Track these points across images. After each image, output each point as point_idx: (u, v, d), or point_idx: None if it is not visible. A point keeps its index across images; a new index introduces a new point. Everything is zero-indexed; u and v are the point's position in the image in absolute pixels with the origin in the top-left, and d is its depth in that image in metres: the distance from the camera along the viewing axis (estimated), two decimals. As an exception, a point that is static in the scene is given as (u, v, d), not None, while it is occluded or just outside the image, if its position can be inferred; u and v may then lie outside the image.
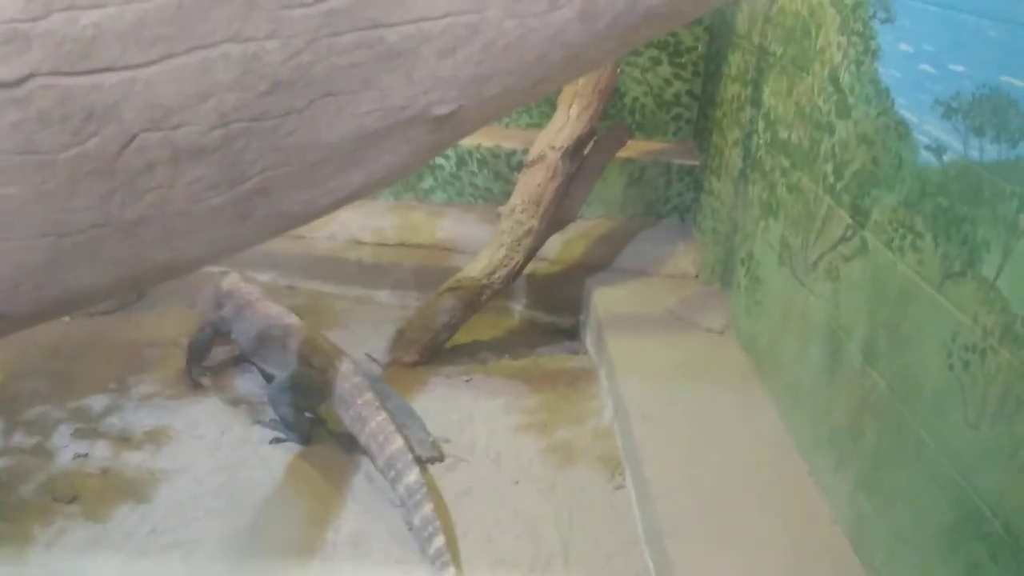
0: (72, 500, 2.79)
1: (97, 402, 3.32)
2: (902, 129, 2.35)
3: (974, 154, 2.00)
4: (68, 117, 1.55)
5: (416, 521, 2.65)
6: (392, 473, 2.78)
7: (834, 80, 2.83)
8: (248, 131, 1.61)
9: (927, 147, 2.22)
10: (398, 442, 2.82)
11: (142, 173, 1.61)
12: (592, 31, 1.62)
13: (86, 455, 3.01)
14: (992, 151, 1.93)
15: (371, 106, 1.64)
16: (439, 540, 2.58)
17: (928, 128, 2.22)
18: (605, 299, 4.06)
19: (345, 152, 1.68)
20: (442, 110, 1.65)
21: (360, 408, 2.95)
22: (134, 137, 1.58)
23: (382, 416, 2.91)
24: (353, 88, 1.62)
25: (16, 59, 1.53)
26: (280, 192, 1.70)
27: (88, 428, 3.16)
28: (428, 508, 2.65)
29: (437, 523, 2.62)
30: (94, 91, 1.55)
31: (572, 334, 4.23)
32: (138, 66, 1.55)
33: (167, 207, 1.65)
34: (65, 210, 1.61)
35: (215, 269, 3.64)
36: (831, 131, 2.83)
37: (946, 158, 2.13)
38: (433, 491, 2.83)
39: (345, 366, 3.07)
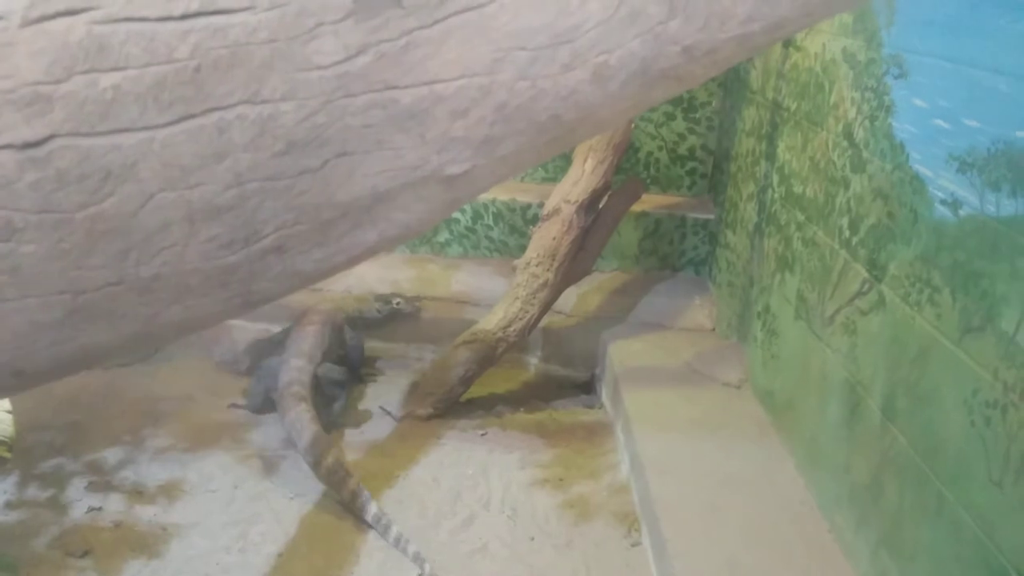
0: (84, 554, 2.77)
1: (112, 455, 3.32)
2: (917, 184, 2.35)
3: (991, 209, 2.00)
4: (86, 177, 1.58)
5: (345, 496, 3.02)
6: (311, 459, 3.14)
7: (848, 135, 2.84)
8: (262, 191, 1.63)
9: (943, 201, 2.21)
10: (314, 428, 3.21)
11: (158, 232, 1.63)
12: (605, 92, 1.63)
13: (99, 508, 3.00)
14: (1009, 206, 1.93)
15: (384, 166, 1.66)
16: (373, 507, 2.95)
17: (943, 183, 2.22)
18: (621, 352, 4.05)
19: (359, 211, 1.70)
20: (455, 170, 1.67)
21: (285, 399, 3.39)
22: (151, 197, 1.60)
23: (301, 407, 3.31)
24: (367, 148, 1.64)
25: (38, 120, 1.56)
26: (294, 250, 1.71)
27: (102, 481, 3.15)
28: (353, 482, 3.01)
29: (366, 493, 2.99)
30: (112, 151, 1.58)
31: (588, 388, 4.21)
32: (156, 127, 1.58)
33: (182, 265, 1.66)
34: (82, 268, 1.63)
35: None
36: (846, 185, 2.83)
37: (962, 212, 2.12)
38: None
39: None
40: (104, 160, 1.58)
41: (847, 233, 2.79)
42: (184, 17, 1.57)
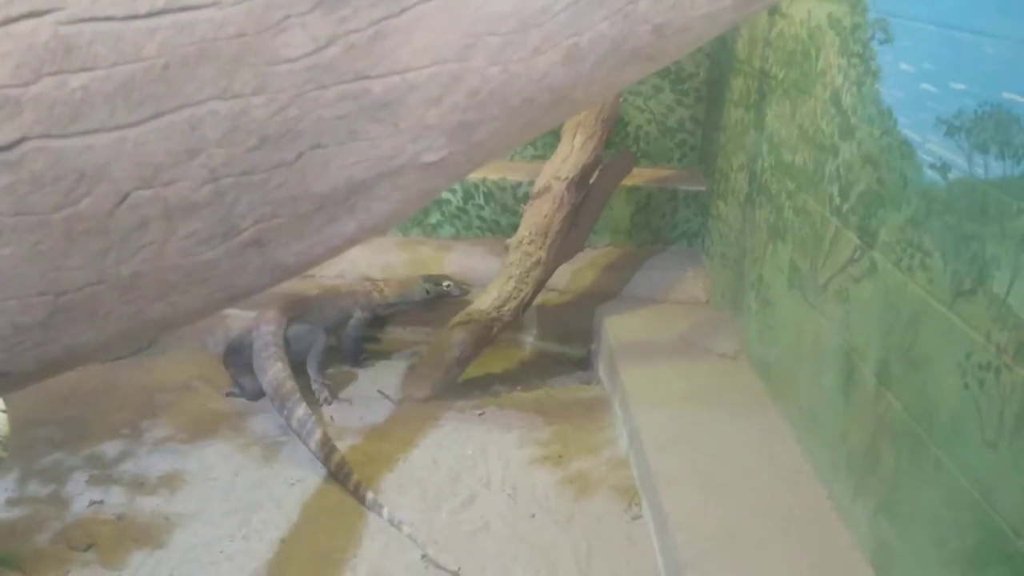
0: (88, 548, 2.78)
1: (111, 448, 3.33)
2: (906, 149, 2.35)
3: (979, 171, 1.99)
4: (60, 178, 1.57)
5: (313, 447, 3.22)
6: (285, 411, 3.37)
7: (836, 102, 2.83)
8: (238, 185, 1.63)
9: (931, 166, 2.21)
10: (289, 385, 3.44)
11: (136, 230, 1.63)
12: (577, 74, 1.64)
13: (101, 502, 3.00)
14: (997, 168, 1.93)
15: (359, 156, 1.66)
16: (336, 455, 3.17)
17: (931, 147, 2.21)
18: (616, 327, 4.05)
19: (336, 202, 1.70)
20: (431, 157, 1.67)
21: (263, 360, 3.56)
22: (126, 195, 1.60)
23: (277, 366, 3.51)
24: (341, 139, 1.64)
25: (8, 124, 1.55)
26: (274, 243, 1.71)
27: (102, 475, 3.16)
28: (319, 434, 3.24)
29: (330, 443, 3.22)
30: (85, 152, 1.57)
31: (584, 364, 4.22)
32: (127, 126, 1.58)
33: (162, 262, 1.66)
34: (61, 269, 1.63)
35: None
36: (835, 153, 2.82)
37: (951, 176, 2.12)
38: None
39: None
40: (77, 161, 1.58)
41: (838, 200, 2.79)
42: (150, 15, 1.57)
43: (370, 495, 3.01)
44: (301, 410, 3.32)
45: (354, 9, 1.60)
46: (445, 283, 4.22)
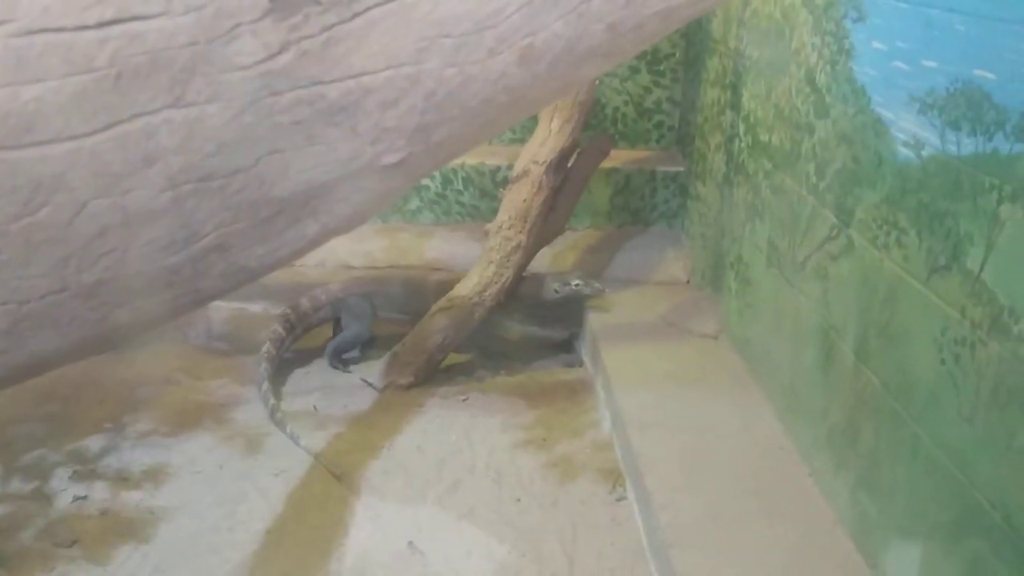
0: (73, 544, 2.77)
1: (94, 443, 3.31)
2: (880, 127, 2.36)
3: (952, 148, 2.01)
4: (17, 189, 1.57)
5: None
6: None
7: (811, 81, 2.84)
8: (197, 192, 1.64)
9: (905, 143, 2.23)
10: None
11: (96, 238, 1.64)
12: (533, 74, 1.65)
13: (85, 497, 2.99)
14: (969, 145, 1.94)
15: (318, 160, 1.67)
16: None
17: (905, 124, 2.22)
18: (598, 310, 4.07)
19: (297, 205, 1.71)
20: (390, 159, 1.68)
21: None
22: (85, 204, 1.61)
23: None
24: (298, 144, 1.65)
25: None
26: (236, 248, 1.73)
27: (86, 470, 3.15)
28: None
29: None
30: (41, 162, 1.57)
31: (567, 347, 4.23)
32: (82, 136, 1.58)
33: (124, 269, 1.67)
34: (23, 278, 1.63)
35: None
36: (811, 131, 2.84)
37: (925, 153, 2.14)
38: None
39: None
40: (33, 172, 1.58)
41: (814, 179, 2.80)
42: (100, 25, 1.57)
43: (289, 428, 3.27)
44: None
45: (305, 16, 1.61)
46: (575, 282, 4.03)
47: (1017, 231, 1.78)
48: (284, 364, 3.83)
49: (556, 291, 4.03)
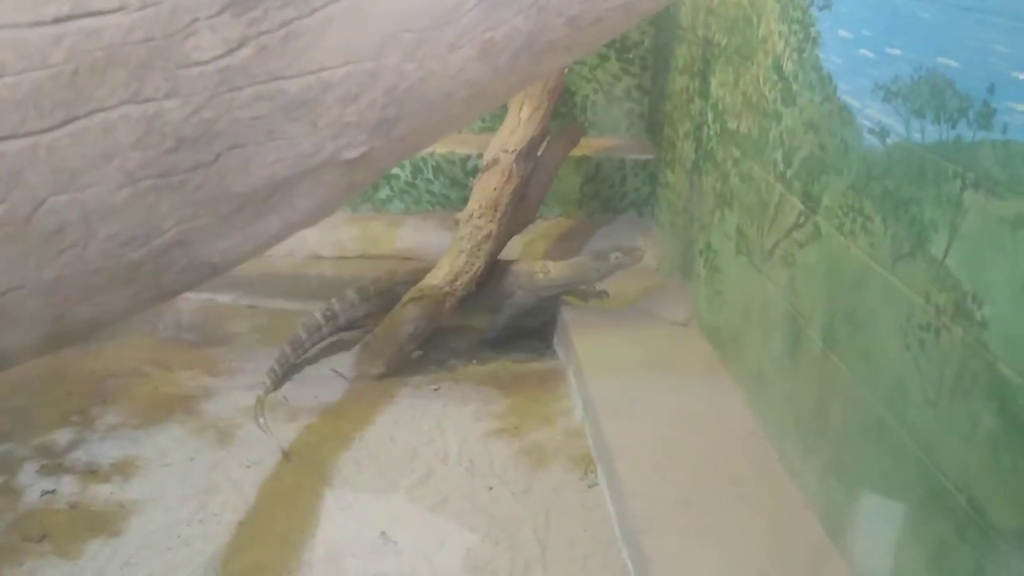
0: (42, 539, 2.75)
1: (61, 436, 3.28)
2: (846, 114, 2.38)
3: (916, 136, 2.03)
4: None
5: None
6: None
7: (778, 68, 2.85)
8: (157, 187, 1.64)
9: (871, 131, 2.25)
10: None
11: (55, 234, 1.62)
12: (494, 68, 1.66)
13: (53, 491, 2.96)
14: (933, 132, 1.96)
15: (279, 155, 1.67)
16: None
17: (871, 112, 2.25)
18: (569, 297, 4.08)
19: (259, 200, 1.71)
20: (352, 154, 1.69)
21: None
22: (43, 201, 1.60)
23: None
24: (259, 139, 1.65)
25: None
26: (198, 243, 1.72)
27: (54, 464, 3.11)
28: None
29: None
30: None
31: (539, 335, 4.23)
32: (39, 132, 1.57)
33: (84, 265, 1.66)
34: None
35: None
36: (778, 119, 2.85)
37: (890, 141, 2.16)
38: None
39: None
40: None
41: (782, 167, 2.82)
42: (56, 21, 1.55)
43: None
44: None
45: (264, 11, 1.60)
46: (613, 256, 3.95)
47: (980, 218, 1.81)
48: (258, 356, 3.78)
49: (597, 271, 3.96)
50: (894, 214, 2.13)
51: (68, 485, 3.00)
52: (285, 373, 3.66)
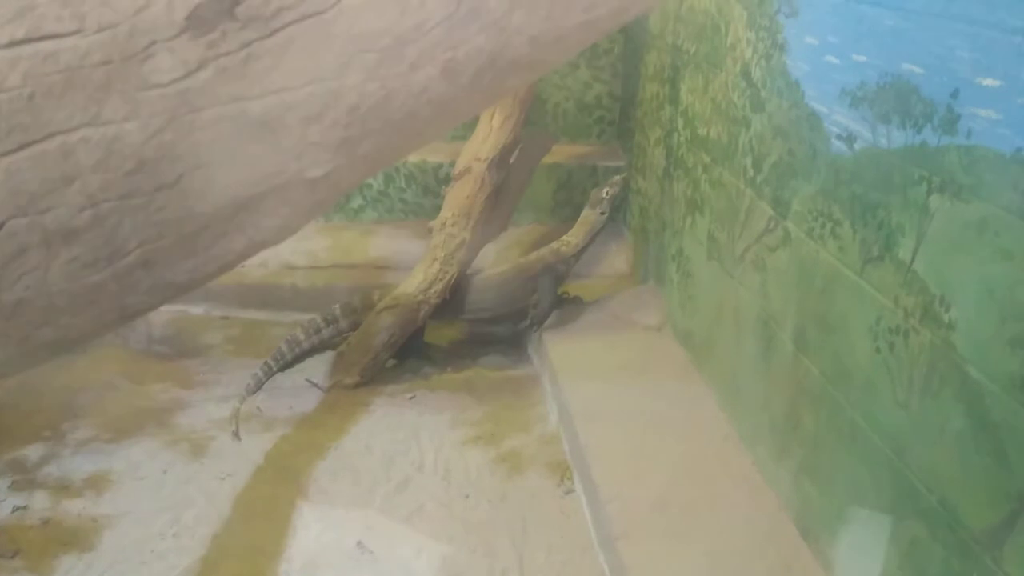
0: (14, 555, 2.72)
1: (33, 451, 3.24)
2: (814, 120, 2.41)
3: (883, 141, 2.06)
4: None
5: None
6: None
7: (746, 75, 2.88)
8: (119, 209, 1.64)
9: (838, 136, 2.27)
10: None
11: (15, 258, 1.62)
12: (457, 87, 1.67)
13: (25, 507, 2.93)
14: (899, 137, 1.99)
15: (242, 175, 1.67)
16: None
17: (838, 118, 2.27)
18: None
19: (223, 220, 1.71)
20: (315, 173, 1.69)
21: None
22: (2, 224, 1.59)
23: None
24: (221, 160, 1.65)
25: None
26: (162, 264, 1.72)
27: (25, 479, 3.08)
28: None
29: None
30: None
31: (514, 342, 4.24)
32: None
33: (46, 288, 1.66)
34: None
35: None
36: (747, 125, 2.88)
37: (857, 146, 2.19)
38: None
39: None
40: None
41: (751, 172, 2.85)
42: (11, 45, 1.55)
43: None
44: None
45: (223, 33, 1.60)
46: (605, 191, 4.07)
47: (946, 222, 1.83)
48: (232, 368, 3.76)
49: (603, 213, 4.05)
50: (862, 219, 2.15)
51: (40, 500, 2.97)
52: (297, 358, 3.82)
